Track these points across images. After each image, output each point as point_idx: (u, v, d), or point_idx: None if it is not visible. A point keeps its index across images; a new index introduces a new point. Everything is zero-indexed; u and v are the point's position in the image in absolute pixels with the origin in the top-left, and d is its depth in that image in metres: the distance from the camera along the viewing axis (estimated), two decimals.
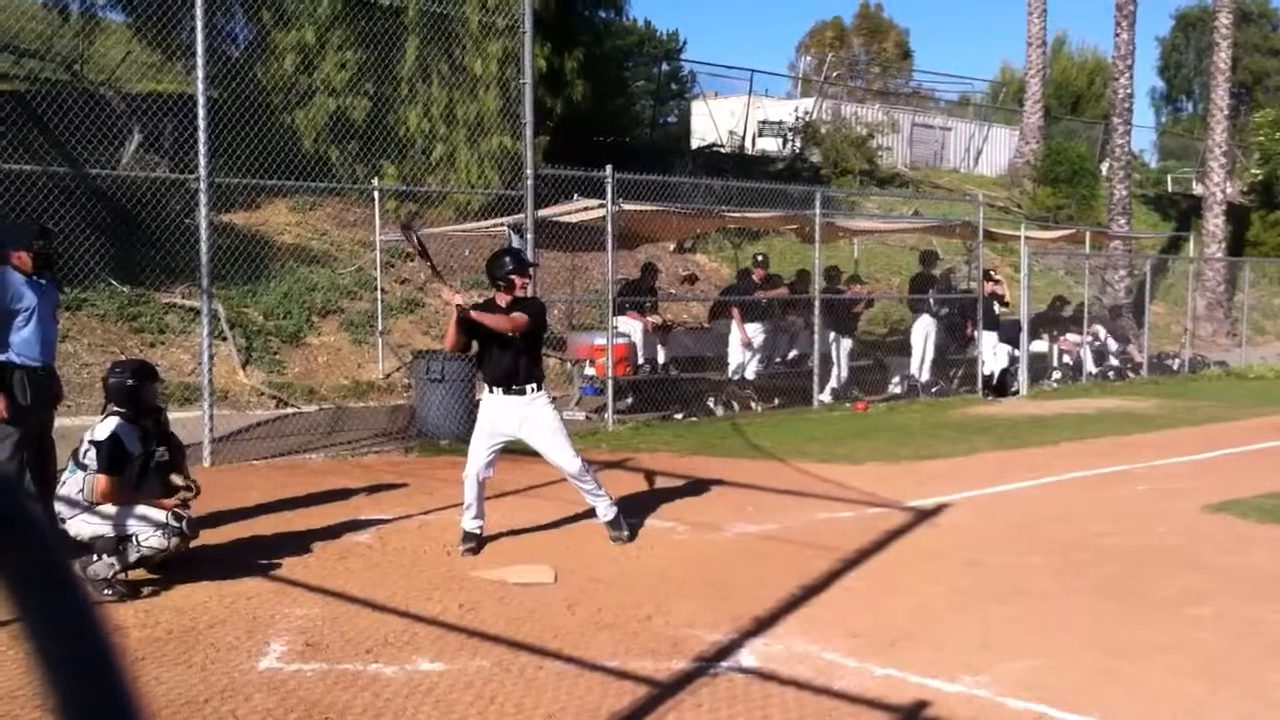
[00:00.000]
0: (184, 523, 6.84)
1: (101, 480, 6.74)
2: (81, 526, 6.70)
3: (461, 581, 7.05)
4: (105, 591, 6.54)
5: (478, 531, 7.98)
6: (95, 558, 6.62)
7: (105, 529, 6.69)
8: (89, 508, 6.75)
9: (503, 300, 8.20)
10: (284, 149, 14.71)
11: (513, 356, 8.01)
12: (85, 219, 14.05)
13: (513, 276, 8.16)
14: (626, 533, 8.20)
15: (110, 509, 6.74)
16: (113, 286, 14.80)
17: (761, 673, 5.50)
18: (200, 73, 10.97)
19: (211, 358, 11.29)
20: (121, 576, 6.68)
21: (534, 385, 8.02)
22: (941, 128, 40.54)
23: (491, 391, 8.09)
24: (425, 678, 5.34)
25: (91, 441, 6.84)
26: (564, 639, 5.94)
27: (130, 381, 7.07)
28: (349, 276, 17.59)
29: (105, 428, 6.88)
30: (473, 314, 7.85)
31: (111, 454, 6.78)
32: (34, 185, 11.91)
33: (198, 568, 7.13)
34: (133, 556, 6.71)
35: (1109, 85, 33.81)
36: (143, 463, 7.01)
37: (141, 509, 6.79)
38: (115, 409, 7.02)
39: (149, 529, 6.71)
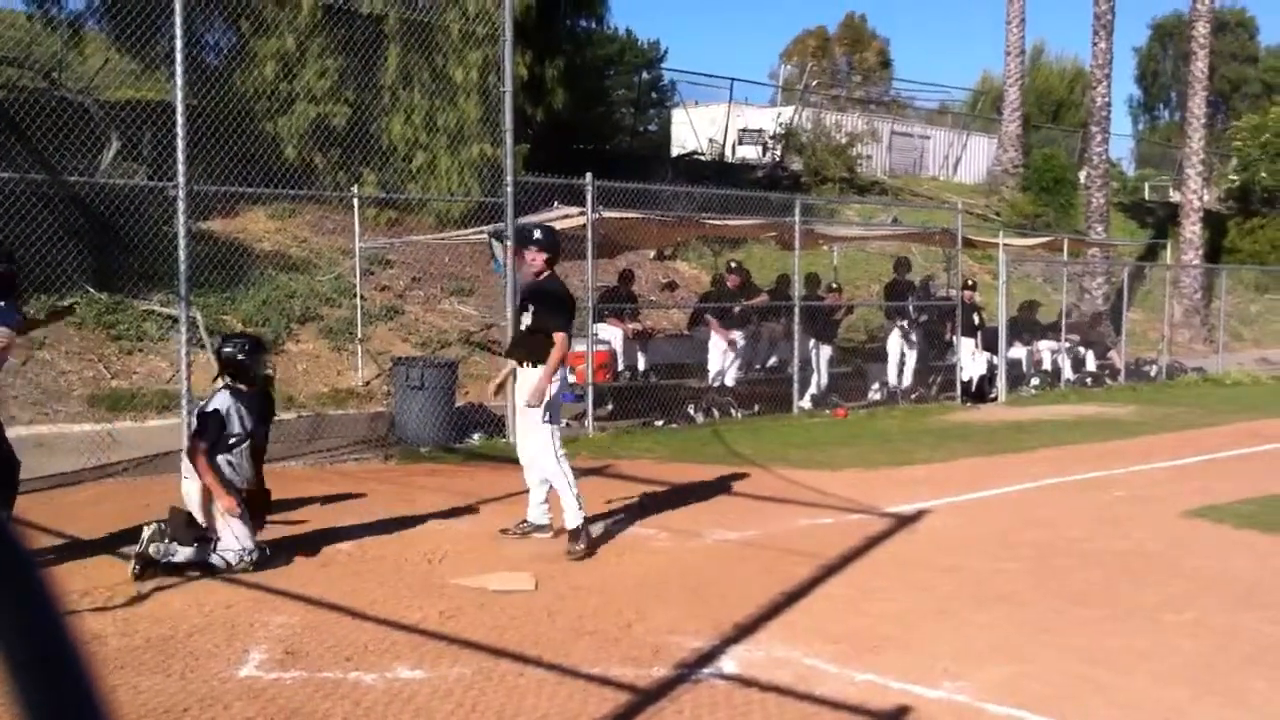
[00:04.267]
0: (261, 553, 7.32)
1: (194, 445, 7.37)
2: (188, 488, 7.35)
3: (442, 589, 7.03)
4: (136, 567, 7.01)
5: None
6: (174, 543, 7.16)
7: (198, 514, 7.29)
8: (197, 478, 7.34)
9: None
10: (263, 156, 14.68)
11: None
12: (63, 226, 13.98)
13: (519, 246, 8.56)
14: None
15: (214, 508, 7.26)
16: (90, 294, 14.72)
17: (742, 679, 5.50)
18: (179, 80, 10.93)
19: (189, 365, 11.23)
20: (172, 560, 7.14)
21: None
22: (921, 136, 40.70)
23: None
24: (406, 685, 5.33)
25: (200, 410, 7.50)
26: (545, 646, 5.92)
27: (240, 356, 7.52)
28: (328, 283, 17.54)
29: (215, 400, 7.43)
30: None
31: (210, 425, 7.32)
32: (11, 193, 11.84)
33: (175, 575, 7.09)
34: (211, 558, 7.23)
35: (1087, 94, 33.98)
36: (239, 442, 7.41)
37: (238, 525, 7.27)
38: (227, 381, 7.52)
39: (233, 546, 7.23)
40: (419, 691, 5.26)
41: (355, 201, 17.04)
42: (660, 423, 15.01)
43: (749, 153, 33.70)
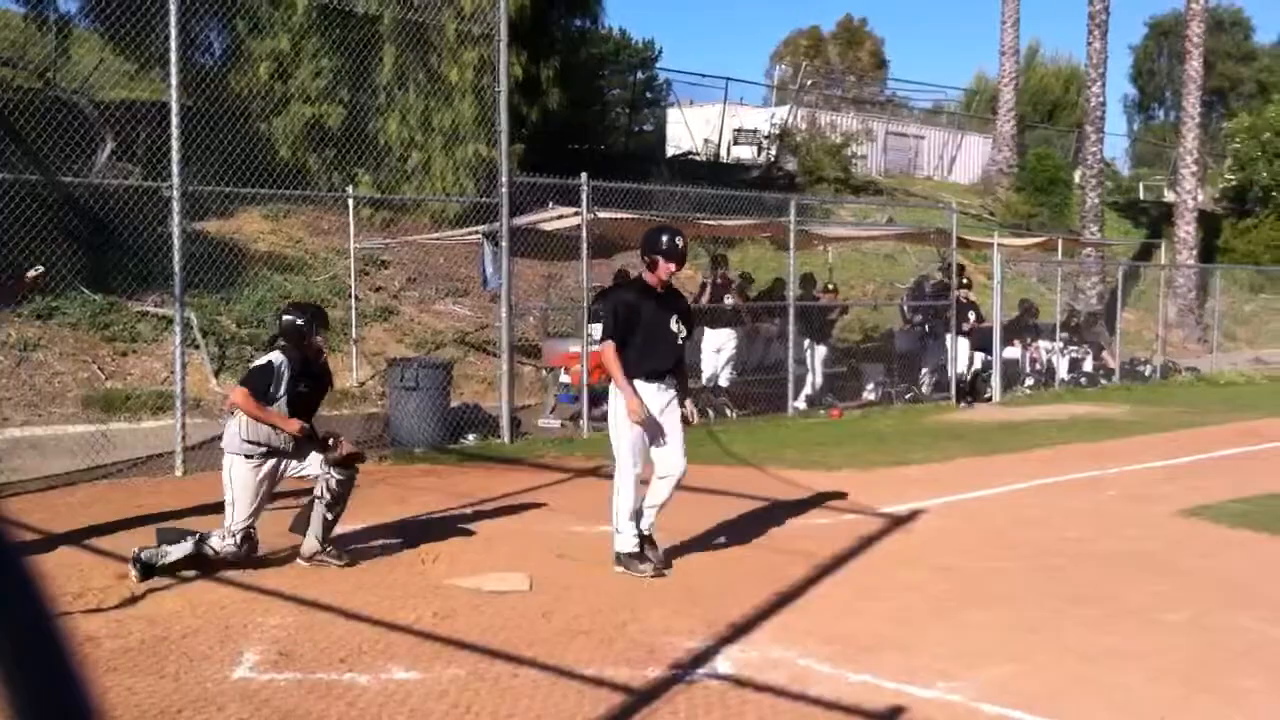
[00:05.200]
0: (250, 544, 7.40)
1: (237, 390, 7.51)
2: (229, 465, 7.45)
3: (436, 590, 7.02)
4: (136, 574, 7.03)
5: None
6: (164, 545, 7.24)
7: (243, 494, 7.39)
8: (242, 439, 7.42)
9: (650, 279, 7.79)
10: (258, 157, 14.66)
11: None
12: (57, 227, 13.97)
13: (658, 258, 7.70)
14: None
15: (238, 485, 7.38)
16: (84, 294, 14.71)
17: (737, 679, 5.50)
18: (173, 80, 10.93)
19: (184, 366, 11.23)
20: (166, 561, 7.17)
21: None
22: (915, 136, 40.71)
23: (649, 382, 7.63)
24: (400, 687, 5.32)
25: (252, 365, 7.82)
26: (539, 647, 5.92)
27: (299, 321, 7.58)
28: (323, 284, 17.53)
29: (266, 356, 7.61)
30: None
31: (257, 376, 7.48)
32: (5, 193, 11.83)
33: (169, 576, 7.09)
34: (208, 548, 7.29)
35: (1082, 93, 34.02)
36: (286, 401, 7.46)
37: (240, 498, 7.38)
38: (281, 344, 7.61)
39: (222, 532, 7.34)
40: (413, 693, 5.25)
41: (350, 202, 17.03)
42: None
43: (744, 153, 33.71)
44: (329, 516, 7.59)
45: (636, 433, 7.50)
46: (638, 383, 7.52)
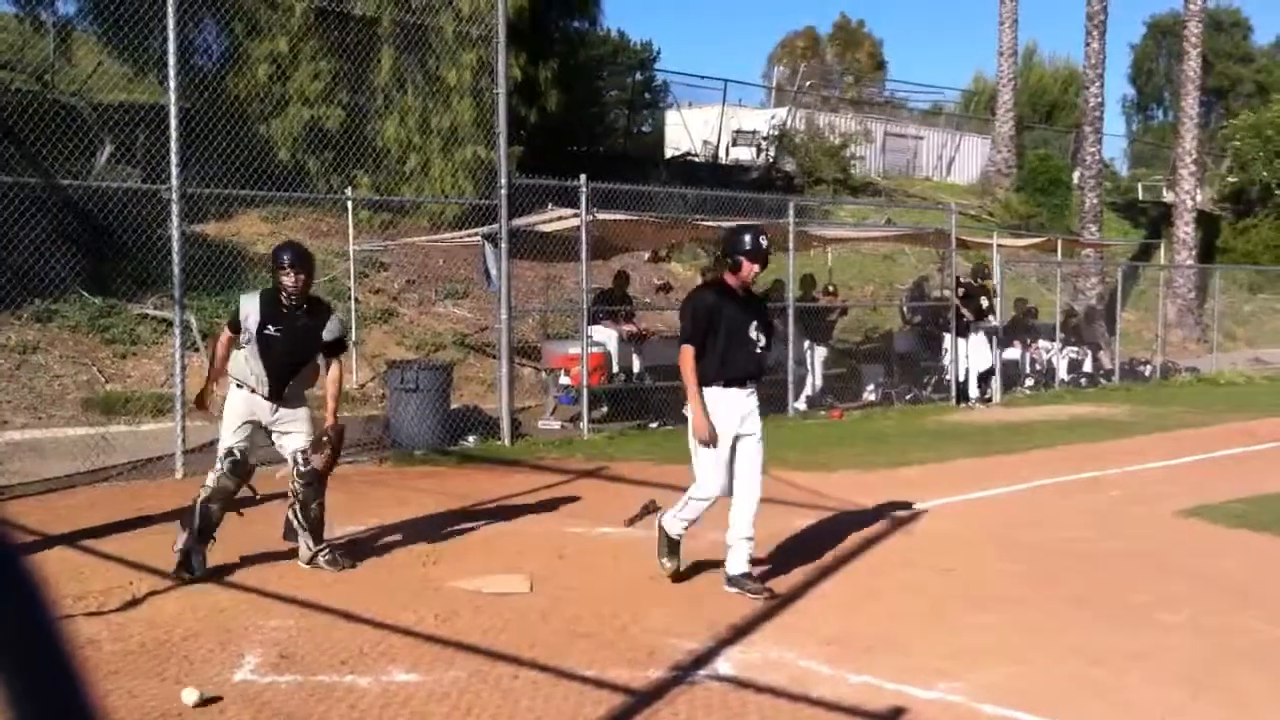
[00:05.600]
0: (232, 463, 7.34)
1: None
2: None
3: (436, 592, 7.03)
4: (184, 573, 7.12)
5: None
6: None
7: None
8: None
9: (732, 281, 7.33)
10: (257, 159, 14.67)
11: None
12: (56, 230, 13.97)
13: (741, 258, 7.23)
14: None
15: (225, 411, 7.53)
16: (84, 297, 14.71)
17: (738, 680, 5.50)
18: (172, 83, 10.94)
19: (184, 369, 11.23)
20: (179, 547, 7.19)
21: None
22: (914, 137, 40.71)
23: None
24: (401, 689, 5.32)
25: None
26: (540, 648, 5.92)
27: (275, 257, 7.58)
28: (322, 286, 17.50)
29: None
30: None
31: (234, 312, 7.53)
32: (4, 196, 11.84)
33: (170, 579, 7.09)
34: (203, 493, 7.33)
35: (1080, 94, 34.03)
36: (257, 336, 7.36)
37: (225, 426, 7.48)
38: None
39: (215, 463, 7.43)
40: (414, 695, 5.26)
41: (349, 204, 17.02)
42: (655, 425, 15.01)
43: (743, 154, 33.70)
44: (299, 519, 7.50)
45: (716, 446, 7.13)
46: (717, 389, 7.18)
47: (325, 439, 7.63)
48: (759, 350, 7.42)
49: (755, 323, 7.36)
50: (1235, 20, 57.63)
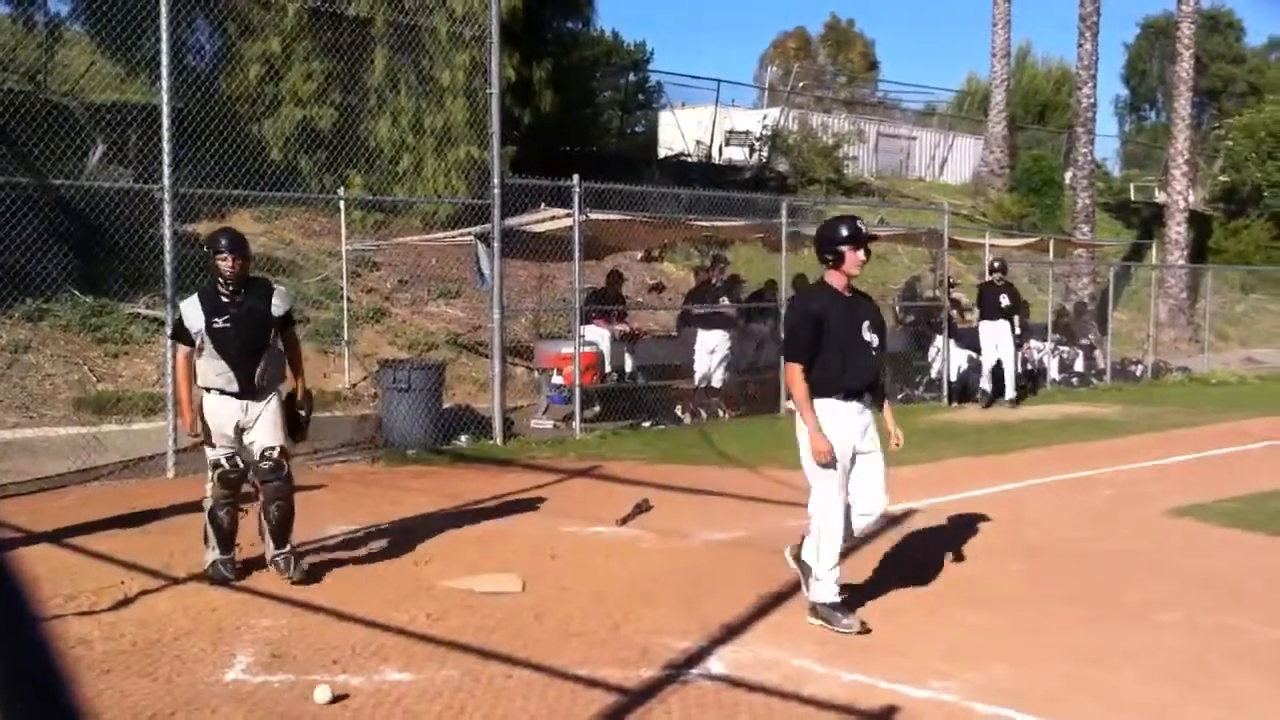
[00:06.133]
0: (220, 475, 7.20)
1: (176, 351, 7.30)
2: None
3: (429, 591, 7.02)
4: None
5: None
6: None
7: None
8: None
9: (836, 281, 6.69)
10: (249, 159, 14.64)
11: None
12: (48, 229, 13.93)
13: (843, 248, 6.60)
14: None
15: (204, 415, 7.19)
16: (76, 297, 14.67)
17: (730, 680, 5.51)
18: (164, 83, 10.93)
19: (175, 368, 11.19)
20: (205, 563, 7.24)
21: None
22: (907, 137, 40.75)
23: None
24: (394, 688, 5.32)
25: None
26: (532, 648, 5.92)
27: (207, 248, 7.37)
28: (314, 286, 17.49)
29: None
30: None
31: (176, 326, 7.26)
32: None
33: (162, 578, 7.08)
34: (206, 504, 7.26)
35: (1073, 95, 34.09)
36: (209, 333, 7.12)
37: (210, 426, 7.20)
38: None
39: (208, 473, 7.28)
40: (406, 694, 5.25)
41: (341, 204, 17.01)
42: (648, 424, 15.01)
43: (736, 154, 33.69)
44: (267, 521, 7.27)
45: (836, 467, 6.39)
46: (834, 402, 6.44)
47: (302, 411, 7.50)
48: (874, 352, 6.60)
49: (867, 322, 6.61)
50: (1228, 21, 57.76)
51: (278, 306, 7.34)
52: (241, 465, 7.24)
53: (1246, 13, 59.25)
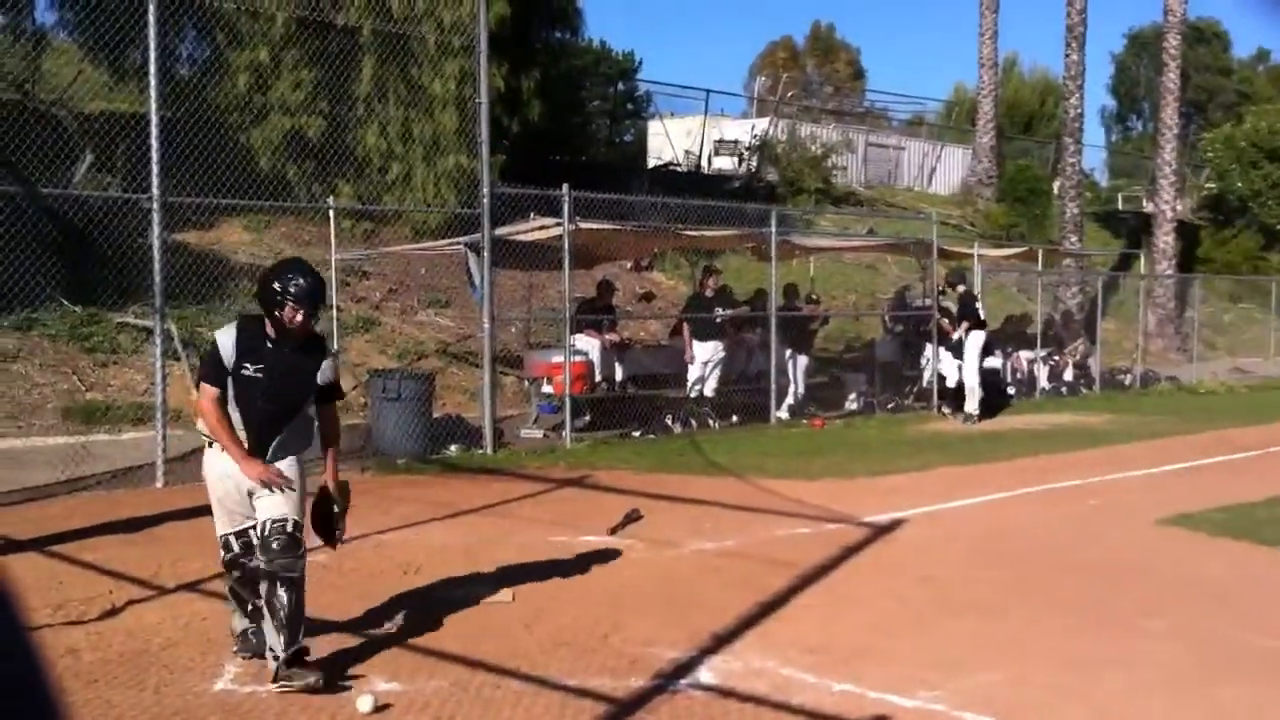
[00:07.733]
0: (229, 559, 5.82)
1: (202, 391, 5.66)
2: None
3: (418, 601, 7.00)
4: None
5: None
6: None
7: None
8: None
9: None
10: (238, 168, 14.63)
11: None
12: (36, 238, 13.90)
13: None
14: None
15: (207, 481, 5.83)
16: (64, 306, 14.64)
17: (720, 689, 5.50)
18: (153, 92, 10.91)
19: (165, 377, 11.18)
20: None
21: None
22: (896, 147, 40.86)
23: None
24: (382, 698, 5.30)
25: None
26: (522, 658, 5.91)
27: (275, 285, 5.59)
28: None
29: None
30: None
31: (208, 361, 5.69)
32: None
33: (150, 588, 7.06)
34: (227, 582, 5.88)
35: (1060, 105, 34.21)
36: (234, 376, 5.59)
37: (213, 494, 5.78)
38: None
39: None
40: (395, 704, 5.24)
41: (330, 213, 17.00)
42: (638, 433, 15.00)
43: (725, 164, 33.76)
44: (271, 613, 5.57)
45: None
46: None
47: (336, 508, 6.15)
48: None
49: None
50: (1215, 32, 58.00)
51: (325, 373, 5.85)
52: (253, 538, 5.75)
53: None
